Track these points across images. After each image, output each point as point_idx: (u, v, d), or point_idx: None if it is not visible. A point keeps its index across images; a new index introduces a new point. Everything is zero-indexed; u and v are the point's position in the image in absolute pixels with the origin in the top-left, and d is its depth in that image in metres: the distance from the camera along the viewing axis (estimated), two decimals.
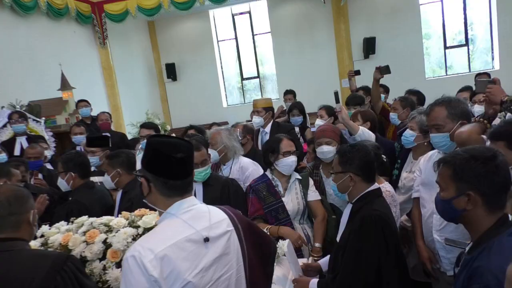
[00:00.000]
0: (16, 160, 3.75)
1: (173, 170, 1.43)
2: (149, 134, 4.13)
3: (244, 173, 3.35)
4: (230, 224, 1.53)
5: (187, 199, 1.47)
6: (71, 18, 8.71)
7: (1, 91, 6.41)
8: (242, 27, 12.37)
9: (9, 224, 1.53)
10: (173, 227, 1.40)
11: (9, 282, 1.44)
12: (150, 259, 1.27)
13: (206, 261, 1.39)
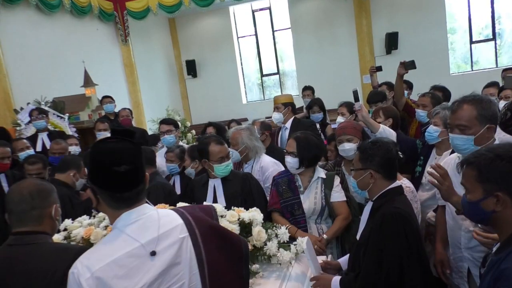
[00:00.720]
0: (34, 157, 3.83)
1: (118, 183, 1.31)
2: (169, 129, 4.20)
3: (264, 173, 3.35)
4: (184, 230, 1.40)
5: (136, 209, 1.35)
6: (94, 16, 8.86)
7: (27, 87, 6.58)
8: (262, 23, 12.33)
9: (31, 218, 1.56)
10: (115, 242, 1.30)
11: (31, 275, 1.47)
12: (87, 277, 1.22)
13: (150, 276, 1.29)
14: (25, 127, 5.56)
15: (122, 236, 1.31)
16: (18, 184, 1.65)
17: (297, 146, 2.75)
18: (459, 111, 2.02)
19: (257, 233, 2.12)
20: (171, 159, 3.70)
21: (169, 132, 4.18)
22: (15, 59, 6.66)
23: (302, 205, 2.77)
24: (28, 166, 3.67)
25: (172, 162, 3.69)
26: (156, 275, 1.29)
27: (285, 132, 4.57)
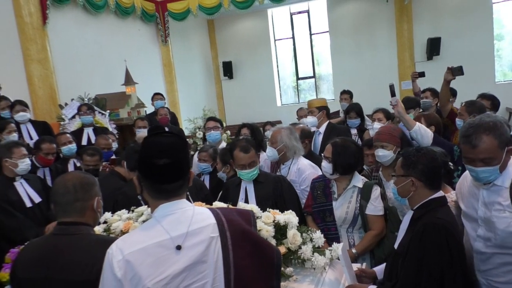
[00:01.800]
0: (92, 149, 3.98)
1: (157, 175, 1.37)
2: (215, 125, 4.34)
3: (301, 175, 3.29)
4: (215, 231, 1.40)
5: (174, 202, 1.40)
6: (137, 17, 9.13)
7: (72, 84, 6.86)
8: (300, 26, 12.29)
9: (75, 209, 1.62)
10: (149, 230, 1.37)
11: (74, 264, 1.52)
12: (118, 259, 1.29)
13: (174, 269, 1.32)
14: (68, 122, 5.79)
15: (157, 226, 1.36)
16: (63, 177, 1.72)
17: (333, 151, 2.70)
18: (480, 145, 1.87)
19: (292, 236, 2.10)
20: (204, 158, 3.74)
21: (216, 128, 4.34)
22: (62, 56, 6.96)
23: (334, 212, 2.72)
24: (87, 157, 3.82)
25: (205, 162, 3.73)
26: (180, 269, 1.32)
27: (318, 137, 4.50)
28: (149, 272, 1.28)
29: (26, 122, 4.83)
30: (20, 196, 3.32)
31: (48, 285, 1.52)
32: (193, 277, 1.34)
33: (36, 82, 6.40)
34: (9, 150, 3.28)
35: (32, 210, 3.34)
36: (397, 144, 2.86)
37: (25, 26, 6.27)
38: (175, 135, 1.43)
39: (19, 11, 6.24)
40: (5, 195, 3.21)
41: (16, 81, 6.13)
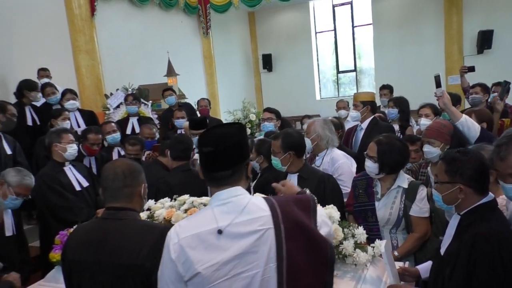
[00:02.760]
0: (134, 139, 4.10)
1: (205, 162, 1.43)
2: (270, 117, 4.38)
3: (334, 164, 3.23)
4: (269, 222, 1.39)
5: (227, 190, 1.42)
6: (180, 9, 9.28)
7: (116, 74, 7.08)
8: (342, 19, 12.05)
9: (123, 195, 1.66)
10: (204, 217, 1.41)
11: (121, 249, 1.57)
12: (174, 242, 1.35)
13: (224, 256, 1.34)
14: (113, 111, 5.98)
15: (210, 214, 1.39)
16: (112, 163, 1.77)
17: (378, 150, 2.58)
18: (509, 158, 1.71)
19: (334, 231, 2.06)
20: None
21: (270, 119, 4.35)
22: (108, 48, 7.19)
23: (376, 212, 2.63)
24: (129, 146, 3.95)
25: None
26: (230, 257, 1.34)
27: (360, 133, 4.36)
28: (200, 257, 1.33)
29: (75, 110, 5.04)
30: (70, 180, 3.47)
31: (96, 267, 1.58)
32: (242, 267, 1.35)
33: (83, 72, 6.65)
34: (58, 136, 3.43)
35: (81, 193, 3.49)
36: (446, 141, 2.73)
37: (75, 17, 6.52)
38: (235, 126, 1.46)
39: (70, 3, 6.49)
40: (56, 178, 3.37)
41: (65, 71, 6.40)
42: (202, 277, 1.32)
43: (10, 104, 3.97)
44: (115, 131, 4.47)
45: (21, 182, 2.88)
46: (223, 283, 1.33)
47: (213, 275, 1.33)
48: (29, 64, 5.75)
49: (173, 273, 1.35)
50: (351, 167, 3.28)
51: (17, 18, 5.94)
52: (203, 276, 1.32)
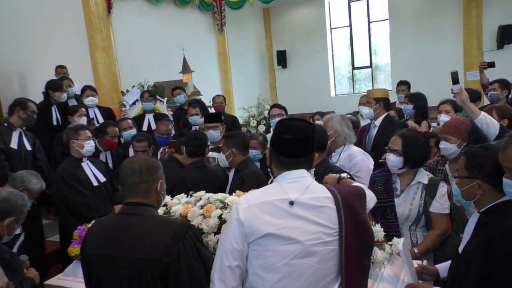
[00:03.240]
0: (141, 135, 4.15)
1: (283, 148, 1.61)
2: (280, 112, 4.43)
3: (351, 161, 3.20)
4: (332, 203, 1.56)
5: (295, 171, 1.60)
6: (195, 6, 9.30)
7: (133, 71, 7.15)
8: (358, 14, 11.92)
9: (140, 191, 1.67)
10: (272, 190, 1.60)
11: (138, 244, 1.58)
12: (243, 207, 1.52)
13: (290, 222, 1.50)
14: (129, 108, 6.03)
15: (277, 188, 1.59)
16: (130, 159, 1.78)
17: (403, 144, 2.53)
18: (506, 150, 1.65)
19: None
20: (254, 146, 3.75)
21: (280, 115, 4.40)
22: (124, 45, 7.26)
23: (396, 209, 2.59)
24: (136, 143, 4.00)
25: (255, 149, 3.75)
26: (296, 225, 1.50)
27: (373, 130, 4.31)
28: (269, 220, 1.49)
29: (94, 107, 5.14)
30: (87, 175, 3.52)
31: (113, 261, 1.59)
32: (309, 235, 1.51)
33: (100, 70, 6.73)
34: (76, 132, 3.48)
35: (98, 188, 3.54)
36: (463, 138, 2.66)
37: (92, 15, 6.60)
38: (305, 121, 1.66)
39: (87, 1, 6.57)
40: (74, 174, 3.42)
41: (82, 68, 6.49)
42: (269, 238, 1.48)
43: (30, 101, 4.04)
44: (131, 128, 4.51)
45: (41, 187, 2.95)
46: (289, 246, 1.48)
47: (280, 237, 1.48)
48: (47, 62, 5.85)
49: (238, 233, 1.50)
50: (368, 164, 3.25)
51: (36, 16, 6.04)
52: (270, 237, 1.48)
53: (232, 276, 1.50)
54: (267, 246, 1.48)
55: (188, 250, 1.57)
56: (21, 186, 2.79)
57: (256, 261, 1.51)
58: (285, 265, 1.49)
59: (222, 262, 1.51)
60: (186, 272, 1.54)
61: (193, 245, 1.60)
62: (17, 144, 3.86)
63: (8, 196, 2.26)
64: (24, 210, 2.31)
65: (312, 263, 1.51)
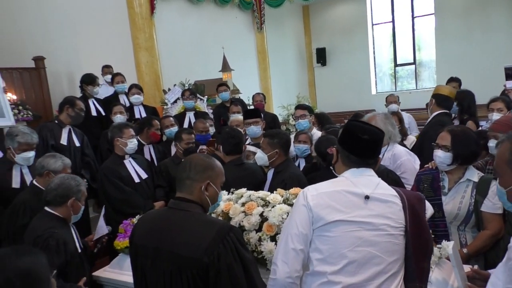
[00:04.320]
0: (188, 128, 4.25)
1: (358, 147, 1.66)
2: (303, 113, 4.35)
3: (396, 161, 3.08)
4: (398, 200, 1.62)
5: (362, 169, 1.67)
6: (234, 5, 9.36)
7: (174, 70, 7.30)
8: (401, 9, 11.55)
9: (185, 186, 1.70)
10: (339, 182, 1.66)
11: (182, 238, 1.59)
12: (312, 194, 1.59)
13: (360, 213, 1.56)
14: (170, 106, 6.16)
15: (346, 181, 1.65)
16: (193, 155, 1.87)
17: (453, 139, 2.44)
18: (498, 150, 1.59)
19: None
20: (304, 140, 3.71)
21: (303, 117, 4.34)
22: (166, 45, 7.42)
23: (443, 207, 2.48)
24: (185, 135, 4.01)
25: (305, 143, 3.70)
26: (366, 215, 1.56)
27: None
28: (338, 208, 1.55)
29: (139, 104, 5.31)
30: (129, 172, 3.62)
31: (157, 254, 1.62)
32: (376, 227, 1.56)
33: (143, 69, 6.92)
34: (120, 131, 3.58)
35: (140, 185, 3.64)
36: None
37: (136, 16, 6.79)
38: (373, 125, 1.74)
39: (131, 2, 6.77)
40: (116, 171, 3.53)
41: (126, 68, 6.67)
42: (337, 224, 1.53)
43: (78, 99, 4.21)
44: (173, 125, 4.60)
45: (64, 164, 2.88)
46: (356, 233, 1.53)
47: (348, 225, 1.54)
48: (94, 61, 6.08)
49: (305, 218, 1.57)
50: (414, 164, 3.12)
51: (83, 18, 6.29)
52: (338, 224, 1.53)
53: (295, 259, 1.56)
54: (334, 232, 1.54)
55: (229, 251, 1.56)
56: (44, 171, 2.81)
57: (322, 246, 1.55)
58: (351, 251, 1.53)
59: (287, 244, 1.57)
60: (226, 274, 1.53)
61: (234, 246, 1.58)
62: (66, 141, 4.03)
63: (61, 181, 2.46)
64: (80, 189, 2.49)
65: (377, 252, 1.55)
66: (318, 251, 1.56)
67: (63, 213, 2.43)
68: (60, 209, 2.42)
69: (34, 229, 2.36)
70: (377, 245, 1.55)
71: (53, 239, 2.26)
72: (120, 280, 2.37)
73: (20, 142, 3.17)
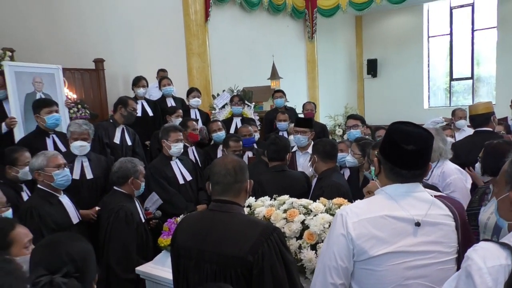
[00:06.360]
0: (236, 136, 4.32)
1: (401, 159, 1.45)
2: (355, 124, 4.32)
3: (445, 179, 2.96)
4: (450, 220, 1.47)
5: (408, 184, 1.47)
6: (287, 14, 9.42)
7: (223, 76, 7.45)
8: (460, 22, 11.07)
9: (233, 190, 1.72)
10: (382, 203, 1.45)
11: (225, 240, 1.62)
12: (354, 221, 1.40)
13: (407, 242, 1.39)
14: (218, 111, 6.29)
15: (390, 201, 1.45)
16: (223, 159, 1.84)
17: (484, 152, 2.51)
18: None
19: None
20: (342, 148, 3.73)
21: (355, 127, 4.32)
22: (217, 51, 7.60)
23: (479, 216, 2.39)
24: (232, 143, 4.08)
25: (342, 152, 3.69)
26: (415, 243, 1.39)
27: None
28: (384, 239, 1.38)
29: (196, 108, 5.54)
30: (175, 173, 3.72)
31: (201, 254, 1.65)
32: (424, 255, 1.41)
33: (194, 74, 7.12)
34: (167, 134, 3.70)
35: (184, 186, 3.73)
36: None
37: (190, 23, 7.02)
38: (420, 127, 1.50)
39: (187, 9, 7.01)
40: (162, 171, 3.64)
41: (179, 72, 6.91)
42: (383, 257, 1.37)
43: (130, 98, 4.38)
44: (220, 130, 4.69)
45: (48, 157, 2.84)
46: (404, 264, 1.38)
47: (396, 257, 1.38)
48: (149, 64, 6.34)
49: (345, 250, 1.40)
50: (465, 183, 2.97)
51: (141, 23, 6.60)
52: (385, 257, 1.37)
53: None
54: (381, 265, 1.38)
55: (272, 251, 1.58)
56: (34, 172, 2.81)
57: (366, 280, 1.42)
58: (399, 286, 1.39)
59: (326, 279, 1.43)
60: (269, 273, 1.54)
61: (277, 247, 1.60)
62: (119, 139, 4.21)
63: (120, 164, 2.99)
64: (137, 169, 2.99)
65: (429, 283, 1.42)
66: (362, 284, 1.44)
67: (127, 190, 2.96)
68: (124, 187, 2.96)
69: (107, 203, 2.91)
70: (429, 275, 1.41)
71: (122, 211, 2.77)
72: (161, 277, 2.43)
73: (71, 131, 3.39)
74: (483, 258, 1.13)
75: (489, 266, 1.11)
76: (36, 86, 4.32)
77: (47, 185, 2.83)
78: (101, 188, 3.47)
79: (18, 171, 3.07)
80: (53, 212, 2.74)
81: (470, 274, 1.12)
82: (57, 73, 4.58)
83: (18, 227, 1.79)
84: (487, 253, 1.14)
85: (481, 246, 1.18)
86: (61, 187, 2.89)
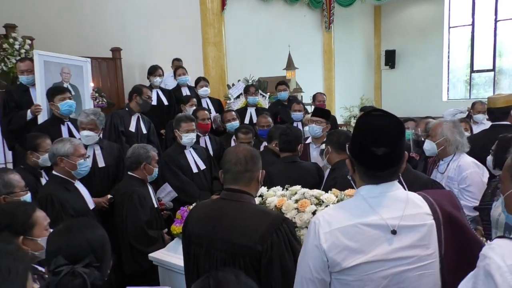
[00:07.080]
0: (246, 127, 4.27)
1: (374, 163, 1.32)
2: None
3: (461, 173, 2.90)
4: (430, 217, 1.34)
5: (383, 185, 1.34)
6: (304, 3, 9.32)
7: (239, 66, 7.43)
8: (483, 12, 10.77)
9: (243, 179, 1.73)
10: (356, 208, 1.35)
11: (235, 228, 1.64)
12: (325, 231, 1.31)
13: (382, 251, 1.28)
14: (233, 101, 6.29)
15: (364, 206, 1.34)
16: (235, 148, 1.85)
17: (497, 145, 2.49)
18: None
19: None
20: None
21: None
22: (233, 41, 7.58)
23: (491, 212, 2.37)
24: (241, 135, 4.06)
25: None
26: (391, 250, 1.29)
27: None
28: (358, 249, 1.29)
29: (206, 97, 5.53)
30: (189, 162, 3.75)
31: (210, 241, 1.68)
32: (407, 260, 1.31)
33: (210, 63, 7.13)
34: (179, 124, 3.71)
35: (197, 175, 3.76)
36: None
37: (207, 12, 7.00)
38: (389, 115, 1.35)
39: None
40: (176, 160, 3.68)
41: (195, 61, 6.93)
42: (358, 268, 1.29)
43: (145, 87, 4.41)
44: (234, 119, 4.69)
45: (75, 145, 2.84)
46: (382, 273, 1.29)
47: (372, 266, 1.29)
48: (165, 54, 6.38)
49: (319, 263, 1.32)
50: (482, 177, 2.92)
51: (157, 13, 6.63)
52: (360, 267, 1.28)
53: None
54: (355, 275, 1.30)
55: (281, 241, 1.59)
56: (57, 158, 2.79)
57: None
58: None
59: None
60: (278, 263, 1.56)
61: (287, 237, 1.61)
62: (135, 128, 4.25)
63: (133, 150, 3.08)
64: (149, 155, 3.07)
65: None
66: None
67: (140, 174, 3.07)
68: (137, 172, 3.06)
69: (121, 188, 3.05)
70: (406, 281, 1.31)
71: (135, 194, 2.91)
72: (174, 263, 2.48)
73: (80, 121, 3.43)
74: (501, 256, 1.08)
75: (509, 264, 1.06)
76: (63, 76, 4.38)
77: (65, 172, 2.82)
78: (113, 176, 3.53)
79: (39, 157, 3.12)
80: (71, 199, 2.77)
81: (489, 274, 1.08)
82: (86, 66, 4.64)
83: (38, 211, 1.88)
84: (505, 250, 1.10)
85: (497, 243, 1.13)
86: (79, 176, 2.92)
